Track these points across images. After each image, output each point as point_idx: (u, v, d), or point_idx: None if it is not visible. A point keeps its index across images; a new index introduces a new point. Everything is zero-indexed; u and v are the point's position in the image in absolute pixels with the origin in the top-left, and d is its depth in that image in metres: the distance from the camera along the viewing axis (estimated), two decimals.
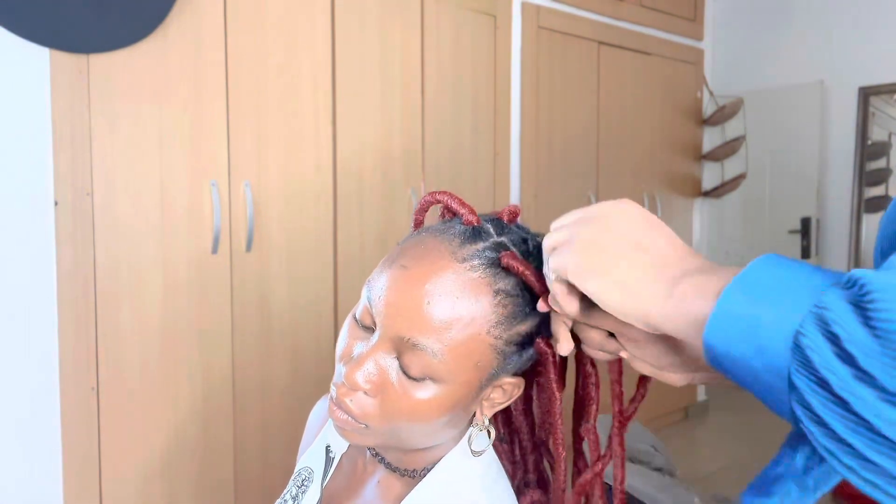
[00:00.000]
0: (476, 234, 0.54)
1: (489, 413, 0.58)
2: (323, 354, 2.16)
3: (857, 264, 3.34)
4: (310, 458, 0.70)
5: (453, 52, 2.46)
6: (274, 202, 2.02)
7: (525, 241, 0.56)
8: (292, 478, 0.70)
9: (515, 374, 0.57)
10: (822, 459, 0.46)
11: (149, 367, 1.82)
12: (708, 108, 3.57)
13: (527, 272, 0.52)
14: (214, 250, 1.91)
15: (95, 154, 1.72)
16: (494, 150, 2.63)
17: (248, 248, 1.97)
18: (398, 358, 0.53)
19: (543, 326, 0.56)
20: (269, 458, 2.07)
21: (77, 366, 1.71)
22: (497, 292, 0.52)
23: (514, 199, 2.74)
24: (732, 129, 3.62)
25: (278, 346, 2.07)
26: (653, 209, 3.32)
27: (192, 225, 1.87)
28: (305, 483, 0.68)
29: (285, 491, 0.70)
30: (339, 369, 0.56)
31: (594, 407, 0.57)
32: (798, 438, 0.50)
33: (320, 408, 0.76)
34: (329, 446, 0.69)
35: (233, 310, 1.96)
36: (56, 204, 1.67)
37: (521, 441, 0.64)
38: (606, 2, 3.01)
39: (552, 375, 0.55)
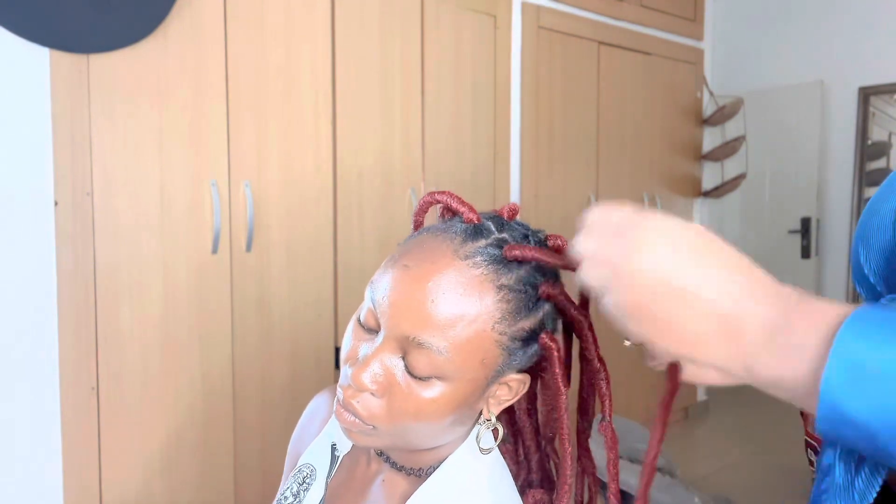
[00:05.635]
0: (477, 231, 0.54)
1: (496, 411, 0.58)
2: (322, 354, 2.16)
3: None
4: (312, 456, 0.70)
5: (453, 52, 2.46)
6: (274, 202, 2.02)
7: (526, 236, 0.56)
8: (292, 475, 0.70)
9: (521, 371, 0.57)
10: (859, 468, 0.46)
11: (149, 367, 1.82)
12: (708, 108, 3.57)
13: (538, 255, 0.53)
14: (214, 250, 1.91)
15: (95, 154, 1.72)
16: (494, 150, 2.63)
17: (248, 248, 1.97)
18: (404, 357, 0.53)
19: (547, 321, 0.56)
20: (269, 459, 2.06)
21: (77, 366, 1.71)
22: (500, 288, 0.52)
23: (515, 198, 2.74)
24: (732, 129, 3.62)
25: (278, 345, 2.07)
26: (653, 209, 3.31)
27: (192, 225, 1.87)
28: (307, 481, 0.68)
29: (284, 488, 0.69)
30: (345, 371, 0.56)
31: (608, 402, 0.56)
32: (827, 455, 0.50)
33: (316, 404, 0.76)
34: (335, 445, 0.69)
35: (233, 310, 1.96)
36: (56, 204, 1.67)
37: (524, 441, 0.64)
38: (606, 2, 3.01)
39: (557, 370, 0.56)
